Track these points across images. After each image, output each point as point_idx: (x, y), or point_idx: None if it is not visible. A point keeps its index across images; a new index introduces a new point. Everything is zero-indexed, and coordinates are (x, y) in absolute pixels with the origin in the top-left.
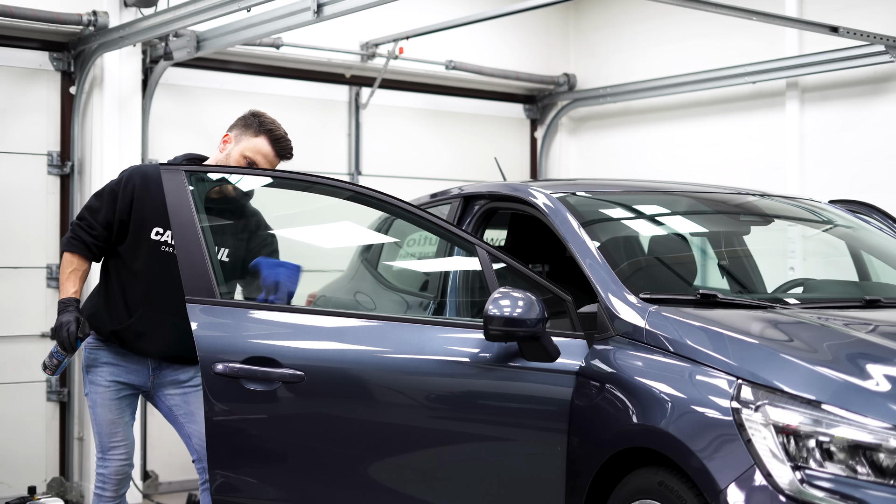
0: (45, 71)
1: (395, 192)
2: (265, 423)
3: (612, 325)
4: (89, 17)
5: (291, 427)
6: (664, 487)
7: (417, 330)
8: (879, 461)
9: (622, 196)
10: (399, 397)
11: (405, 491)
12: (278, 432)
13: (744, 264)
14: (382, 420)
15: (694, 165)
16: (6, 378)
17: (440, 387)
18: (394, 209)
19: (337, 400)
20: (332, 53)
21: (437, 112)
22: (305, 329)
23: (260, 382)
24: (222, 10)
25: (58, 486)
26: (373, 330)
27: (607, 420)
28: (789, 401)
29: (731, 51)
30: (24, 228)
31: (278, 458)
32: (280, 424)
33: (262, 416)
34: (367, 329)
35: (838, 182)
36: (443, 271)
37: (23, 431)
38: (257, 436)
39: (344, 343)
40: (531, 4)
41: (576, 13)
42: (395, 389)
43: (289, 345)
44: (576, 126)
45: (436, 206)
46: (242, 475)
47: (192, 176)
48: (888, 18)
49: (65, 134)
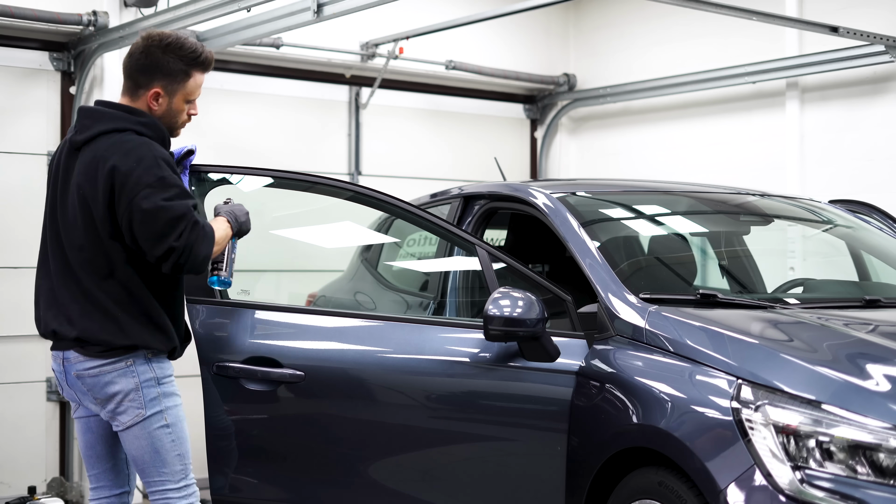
0: (45, 71)
1: (395, 192)
2: (265, 423)
3: (612, 325)
4: (89, 17)
5: (291, 427)
6: (664, 487)
7: (417, 330)
8: (879, 461)
9: (622, 196)
10: (399, 397)
11: (405, 490)
12: (278, 432)
13: (744, 264)
14: (382, 420)
15: (694, 165)
16: (6, 378)
17: (440, 387)
18: (394, 209)
19: (337, 400)
20: (332, 53)
21: (437, 112)
22: (305, 329)
23: (260, 382)
24: (222, 10)
25: (58, 486)
26: (373, 330)
27: (607, 420)
28: (789, 401)
29: (731, 51)
30: (24, 228)
31: (278, 458)
32: (280, 424)
33: (263, 416)
34: (366, 329)
35: (838, 182)
36: (443, 271)
37: (23, 431)
38: (257, 436)
39: (344, 343)
40: (531, 4)
41: (576, 13)
42: (395, 389)
43: (289, 345)
44: (576, 126)
45: (436, 206)
46: (242, 475)
47: (192, 176)
48: (888, 18)
49: (64, 134)
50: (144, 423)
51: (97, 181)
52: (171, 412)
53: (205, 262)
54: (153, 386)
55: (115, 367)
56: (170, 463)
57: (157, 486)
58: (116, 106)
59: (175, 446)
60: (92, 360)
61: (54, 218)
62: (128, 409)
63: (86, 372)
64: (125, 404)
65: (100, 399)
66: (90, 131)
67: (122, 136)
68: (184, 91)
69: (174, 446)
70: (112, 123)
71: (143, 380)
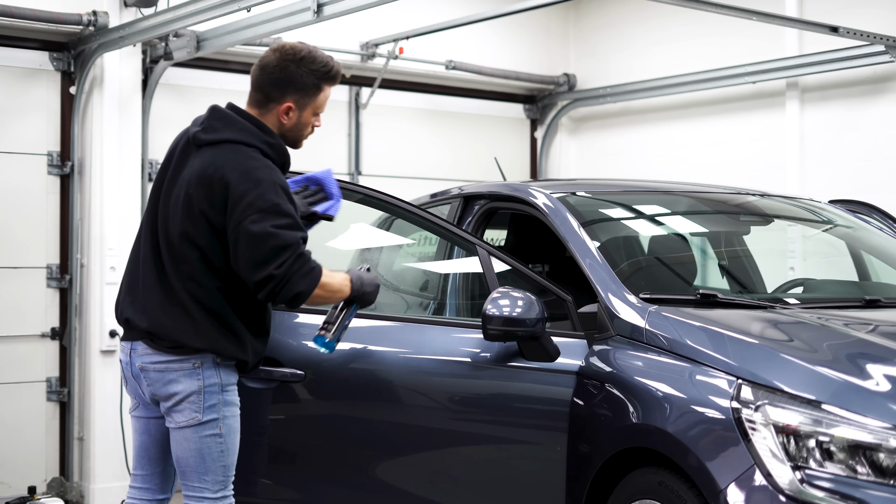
0: (45, 71)
1: (395, 192)
2: (265, 423)
3: (612, 325)
4: (89, 17)
5: (295, 428)
6: (664, 487)
7: (417, 330)
8: (879, 461)
9: (622, 196)
10: (399, 397)
11: (404, 489)
12: (278, 431)
13: (744, 264)
14: (382, 419)
15: (694, 165)
16: (6, 378)
17: (440, 387)
18: (394, 209)
19: (337, 399)
20: (331, 53)
21: (437, 112)
22: (306, 329)
23: (260, 382)
24: (222, 10)
25: (58, 486)
26: (373, 330)
27: (607, 420)
28: (789, 401)
29: (731, 51)
30: (24, 228)
31: (285, 459)
32: (283, 425)
33: (263, 416)
34: (367, 329)
35: (838, 182)
36: (443, 271)
37: (23, 431)
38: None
39: (344, 343)
40: (531, 4)
41: (576, 13)
42: (395, 389)
43: (289, 344)
44: (576, 126)
45: (436, 206)
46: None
47: None
48: (888, 18)
49: (65, 134)
50: (198, 427)
51: (209, 188)
52: (226, 422)
53: (299, 297)
54: (216, 392)
55: (182, 366)
56: (213, 472)
57: (196, 491)
58: (249, 118)
59: (222, 457)
60: (159, 355)
61: (156, 205)
62: (185, 409)
63: (151, 366)
64: (184, 405)
65: (159, 395)
66: (217, 135)
67: (247, 152)
68: (314, 105)
69: (221, 456)
70: (241, 135)
71: (208, 384)
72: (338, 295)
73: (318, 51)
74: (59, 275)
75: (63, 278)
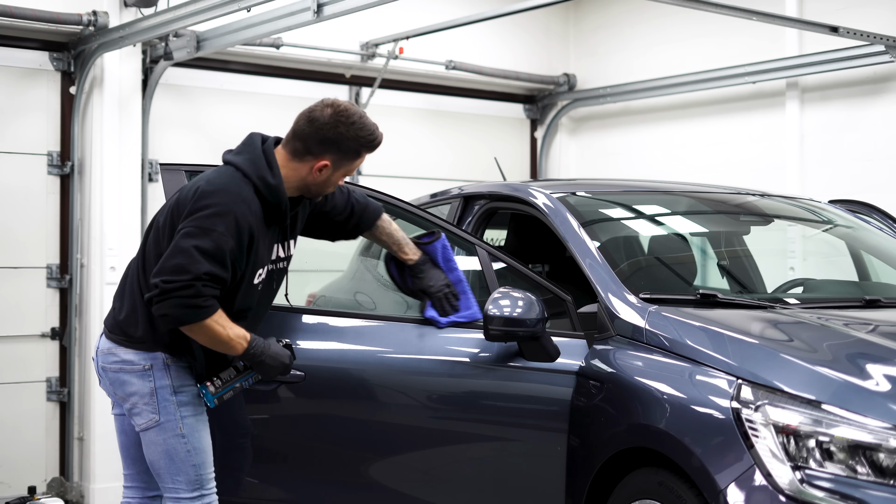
0: (45, 71)
1: (395, 192)
2: (265, 423)
3: (612, 325)
4: (89, 17)
5: (291, 427)
6: (664, 487)
7: (418, 330)
8: (879, 461)
9: (622, 196)
10: (399, 397)
11: (405, 490)
12: (278, 432)
13: (744, 264)
14: (382, 420)
15: (694, 165)
16: (6, 378)
17: (440, 387)
18: (394, 209)
19: (337, 400)
20: (332, 53)
21: (437, 112)
22: (305, 329)
23: (260, 382)
24: (222, 10)
25: (58, 486)
26: (373, 330)
27: (607, 420)
28: (789, 401)
29: (731, 51)
30: (24, 228)
31: (278, 458)
32: (280, 424)
33: (263, 416)
34: (367, 329)
35: (838, 182)
36: None
37: (23, 431)
38: (257, 436)
39: (344, 343)
40: (531, 4)
41: (576, 13)
42: (395, 389)
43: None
44: (576, 126)
45: (436, 206)
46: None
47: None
48: (888, 18)
49: (65, 134)
50: (158, 429)
51: (187, 190)
52: (186, 422)
53: (167, 321)
54: (168, 394)
55: (134, 368)
56: (184, 472)
57: (171, 492)
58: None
59: (190, 456)
60: (113, 351)
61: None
62: (143, 411)
63: (109, 366)
64: (140, 407)
65: (119, 396)
66: (230, 156)
67: (239, 181)
68: (347, 168)
69: (189, 456)
70: (247, 166)
71: (159, 386)
72: (222, 347)
73: (367, 117)
74: (60, 275)
75: (63, 278)
